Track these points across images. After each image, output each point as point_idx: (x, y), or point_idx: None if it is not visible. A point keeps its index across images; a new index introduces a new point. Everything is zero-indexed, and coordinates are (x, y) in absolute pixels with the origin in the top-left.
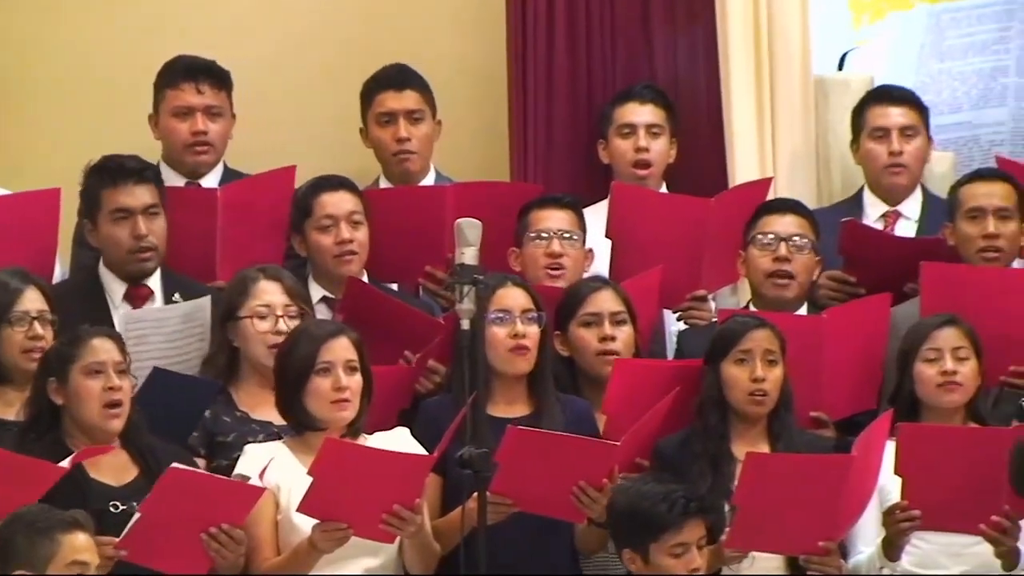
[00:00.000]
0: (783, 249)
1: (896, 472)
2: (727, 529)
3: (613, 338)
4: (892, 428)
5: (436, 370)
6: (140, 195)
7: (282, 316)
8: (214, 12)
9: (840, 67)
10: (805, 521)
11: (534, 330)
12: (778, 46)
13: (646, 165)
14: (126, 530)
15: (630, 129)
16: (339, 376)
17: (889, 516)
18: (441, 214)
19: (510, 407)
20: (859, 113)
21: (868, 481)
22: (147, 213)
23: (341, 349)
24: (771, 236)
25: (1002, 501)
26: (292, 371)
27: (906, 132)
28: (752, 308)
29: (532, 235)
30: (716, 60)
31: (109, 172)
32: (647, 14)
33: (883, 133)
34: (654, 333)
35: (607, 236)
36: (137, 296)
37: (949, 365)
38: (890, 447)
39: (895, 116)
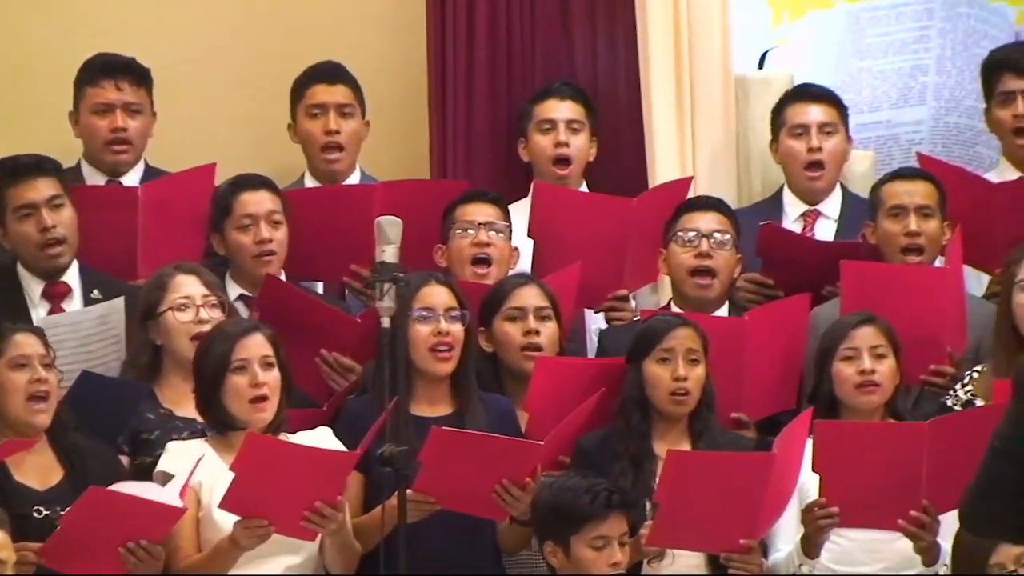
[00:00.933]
0: (705, 245)
1: (813, 469)
2: (648, 523)
3: (537, 332)
4: (810, 425)
5: (352, 369)
6: (41, 188)
7: (202, 306)
8: (134, 9)
9: (760, 66)
10: (726, 519)
11: (457, 328)
12: (698, 45)
13: (566, 160)
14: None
15: (550, 125)
16: (256, 373)
17: (807, 513)
18: (368, 213)
19: (432, 406)
20: (778, 112)
21: (789, 480)
22: (51, 205)
23: (256, 346)
24: (693, 233)
25: (920, 496)
26: (209, 370)
27: (825, 129)
28: (673, 307)
29: (458, 229)
30: (636, 59)
31: (7, 171)
32: (567, 13)
33: (802, 130)
34: (574, 332)
35: (529, 235)
36: (55, 293)
37: (867, 364)
38: (809, 444)
39: (814, 113)
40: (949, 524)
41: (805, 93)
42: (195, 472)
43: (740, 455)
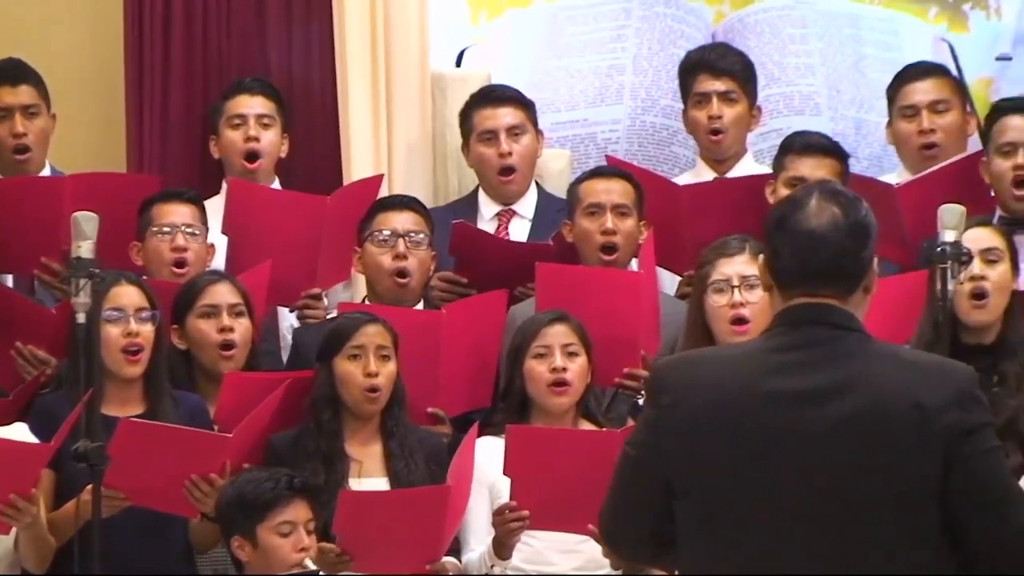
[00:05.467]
0: (401, 245)
1: (505, 473)
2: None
3: (231, 329)
4: (500, 427)
5: (47, 362)
6: None
7: None
8: None
9: (458, 64)
10: (409, 547)
11: (148, 329)
12: (395, 42)
13: (255, 155)
14: None
15: (240, 120)
16: None
17: (498, 516)
18: (59, 205)
19: (123, 406)
20: (466, 117)
21: (462, 501)
22: None
23: None
24: (388, 232)
25: None
26: None
27: (513, 131)
28: (368, 304)
29: (155, 229)
30: (333, 55)
31: None
32: (263, 8)
33: (491, 135)
34: (268, 330)
35: (223, 232)
36: None
37: (559, 362)
38: (501, 445)
39: (501, 117)
40: None
41: (490, 97)
42: None
43: (416, 491)
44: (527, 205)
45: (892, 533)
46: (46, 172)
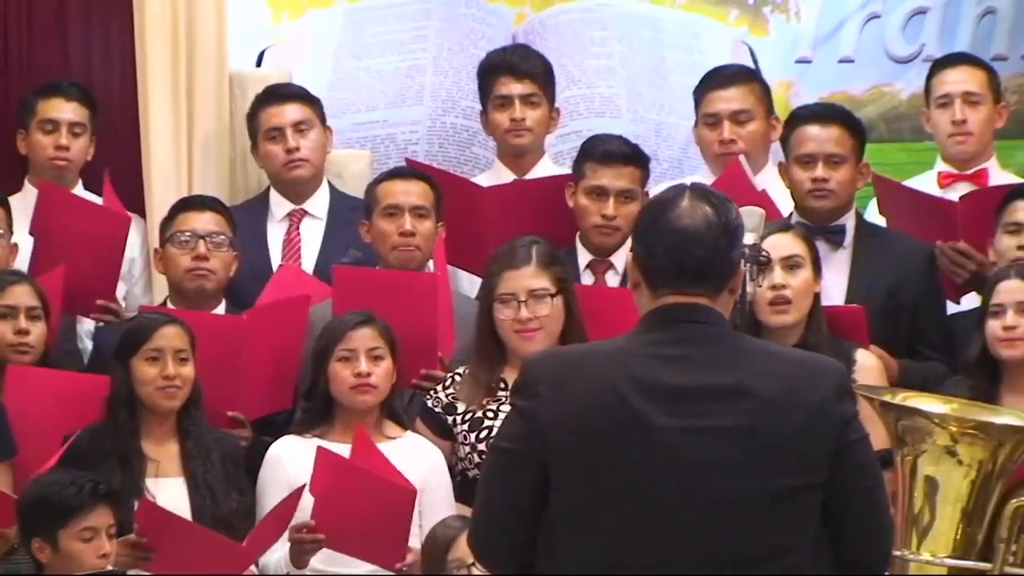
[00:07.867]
0: (202, 247)
1: (310, 491)
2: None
3: (28, 332)
4: (303, 427)
5: None
6: None
7: None
8: None
9: (259, 64)
10: (214, 555)
11: None
12: (195, 42)
13: (65, 162)
14: None
15: (52, 126)
16: None
17: (295, 533)
18: None
19: None
20: (252, 117)
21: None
22: None
23: None
24: (189, 234)
25: (402, 542)
26: None
27: (299, 127)
28: (171, 305)
29: None
30: (133, 54)
31: None
32: (63, 7)
33: (277, 132)
34: (66, 331)
35: (30, 233)
36: None
37: (363, 367)
38: (304, 445)
39: (287, 114)
40: None
41: (275, 95)
42: None
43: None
44: (319, 205)
45: (784, 523)
46: None
